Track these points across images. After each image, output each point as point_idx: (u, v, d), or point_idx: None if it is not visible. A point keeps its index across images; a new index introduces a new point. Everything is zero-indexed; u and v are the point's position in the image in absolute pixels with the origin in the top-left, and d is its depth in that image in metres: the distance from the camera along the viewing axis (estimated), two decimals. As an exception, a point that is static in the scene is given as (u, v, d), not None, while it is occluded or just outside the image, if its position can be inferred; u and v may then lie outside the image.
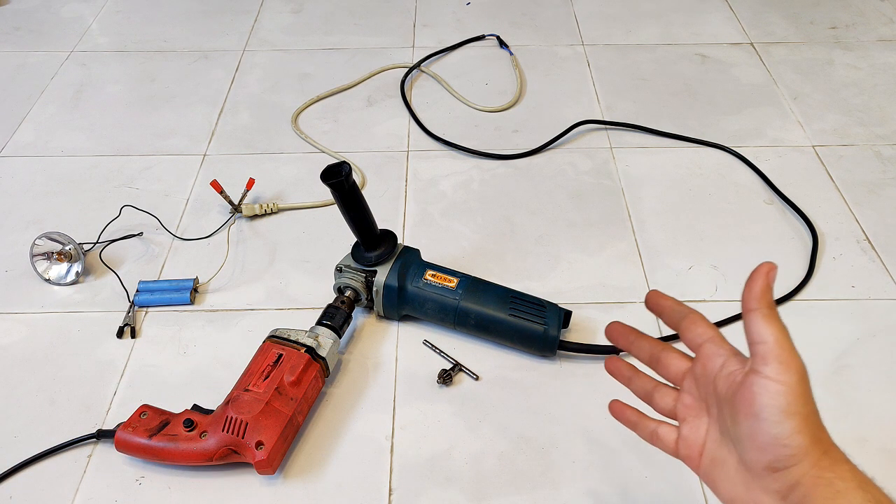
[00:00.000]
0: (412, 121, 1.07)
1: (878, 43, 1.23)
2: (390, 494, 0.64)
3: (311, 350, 0.68)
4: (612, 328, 0.53)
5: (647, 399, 0.50)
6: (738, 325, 0.76)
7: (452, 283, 0.75)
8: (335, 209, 0.78)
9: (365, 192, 0.94)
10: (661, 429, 0.49)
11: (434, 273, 0.75)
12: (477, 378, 0.73)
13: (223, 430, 0.63)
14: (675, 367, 0.48)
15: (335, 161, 0.69)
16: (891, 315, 0.79)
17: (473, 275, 0.76)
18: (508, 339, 0.74)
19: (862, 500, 0.37)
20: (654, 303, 0.50)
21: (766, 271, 0.41)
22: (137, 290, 0.81)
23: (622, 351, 0.61)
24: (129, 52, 1.23)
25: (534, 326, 0.72)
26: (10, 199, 0.95)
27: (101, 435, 0.67)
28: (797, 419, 0.39)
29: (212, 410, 0.66)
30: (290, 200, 0.94)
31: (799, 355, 0.40)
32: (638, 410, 0.51)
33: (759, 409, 0.39)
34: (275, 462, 0.63)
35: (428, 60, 1.19)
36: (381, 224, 0.76)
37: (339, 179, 0.67)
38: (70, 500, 0.64)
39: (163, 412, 0.66)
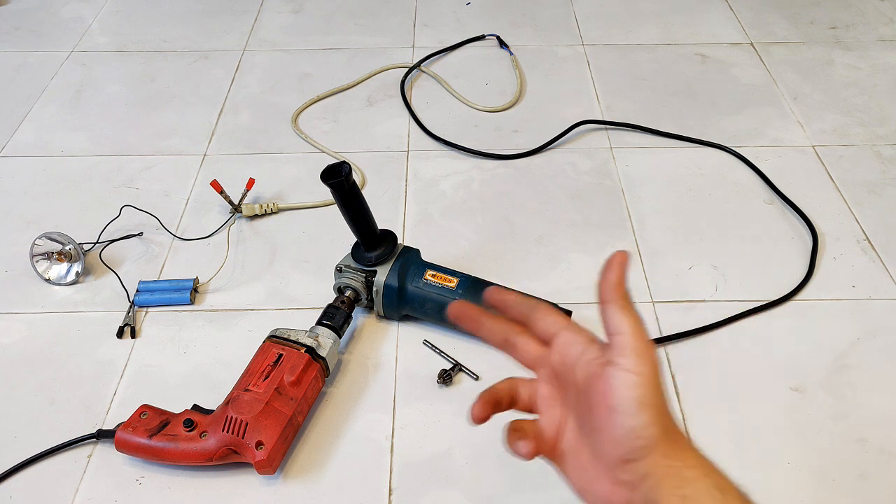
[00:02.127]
0: (412, 121, 1.07)
1: (878, 43, 1.23)
2: (390, 494, 0.64)
3: (311, 350, 0.68)
4: (456, 308, 0.47)
5: (509, 386, 0.46)
6: (741, 324, 0.76)
7: (452, 282, 0.75)
8: (335, 209, 0.78)
9: (365, 192, 0.94)
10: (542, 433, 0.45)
11: (434, 273, 0.75)
12: (477, 378, 0.73)
13: (223, 430, 0.62)
14: (532, 353, 0.45)
15: (335, 161, 0.69)
16: (891, 315, 0.79)
17: (473, 275, 0.76)
18: (508, 339, 0.74)
19: (706, 487, 0.37)
20: (497, 298, 0.47)
21: (620, 261, 0.41)
22: (137, 290, 0.81)
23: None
24: (129, 52, 1.23)
25: (534, 326, 0.72)
26: (10, 199, 0.95)
27: (101, 435, 0.67)
28: (651, 410, 0.38)
29: (212, 410, 0.66)
30: (290, 200, 0.94)
31: (653, 346, 0.40)
32: (524, 425, 0.46)
33: (616, 402, 0.39)
34: (275, 462, 0.63)
35: (428, 60, 1.19)
36: (381, 224, 0.76)
37: (339, 179, 0.67)
38: (70, 500, 0.64)
39: (163, 412, 0.66)
